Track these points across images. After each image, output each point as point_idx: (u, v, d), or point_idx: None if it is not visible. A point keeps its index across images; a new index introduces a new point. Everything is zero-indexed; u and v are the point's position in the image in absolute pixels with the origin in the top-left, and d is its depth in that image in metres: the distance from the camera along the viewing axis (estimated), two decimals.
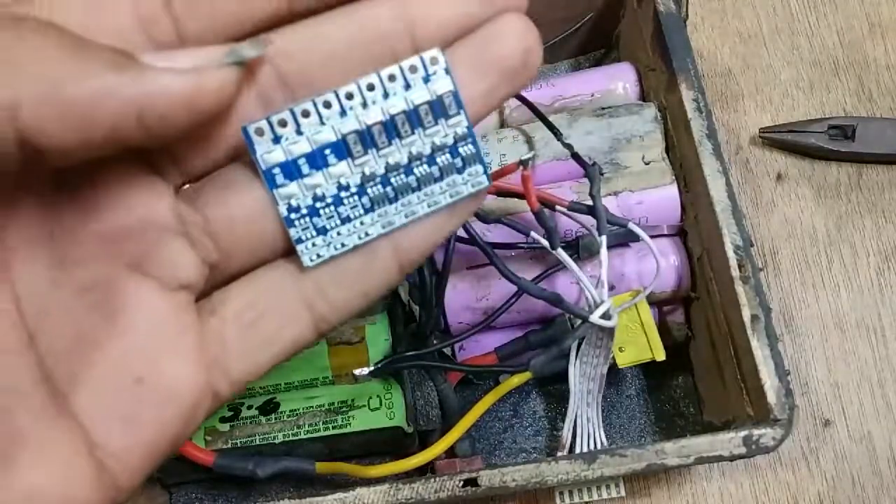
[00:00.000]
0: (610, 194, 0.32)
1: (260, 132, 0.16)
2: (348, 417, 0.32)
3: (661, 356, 0.31)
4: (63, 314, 0.15)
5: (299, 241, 0.17)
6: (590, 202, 0.30)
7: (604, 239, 0.30)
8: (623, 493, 0.32)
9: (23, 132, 0.13)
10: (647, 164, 0.33)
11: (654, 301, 0.33)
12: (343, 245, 0.17)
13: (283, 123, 0.16)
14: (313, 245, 0.17)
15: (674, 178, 0.32)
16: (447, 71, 0.16)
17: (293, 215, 0.16)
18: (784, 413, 0.28)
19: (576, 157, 0.31)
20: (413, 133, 0.16)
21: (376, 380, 0.32)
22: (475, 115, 0.17)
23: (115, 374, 0.16)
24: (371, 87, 0.16)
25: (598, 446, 0.31)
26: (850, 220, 0.37)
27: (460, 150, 0.17)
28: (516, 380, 0.31)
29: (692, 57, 0.32)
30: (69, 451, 0.15)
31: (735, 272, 0.29)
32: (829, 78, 0.39)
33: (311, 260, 0.17)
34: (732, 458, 0.28)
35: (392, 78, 0.16)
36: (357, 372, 0.30)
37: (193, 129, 0.15)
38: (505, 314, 0.32)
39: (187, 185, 0.17)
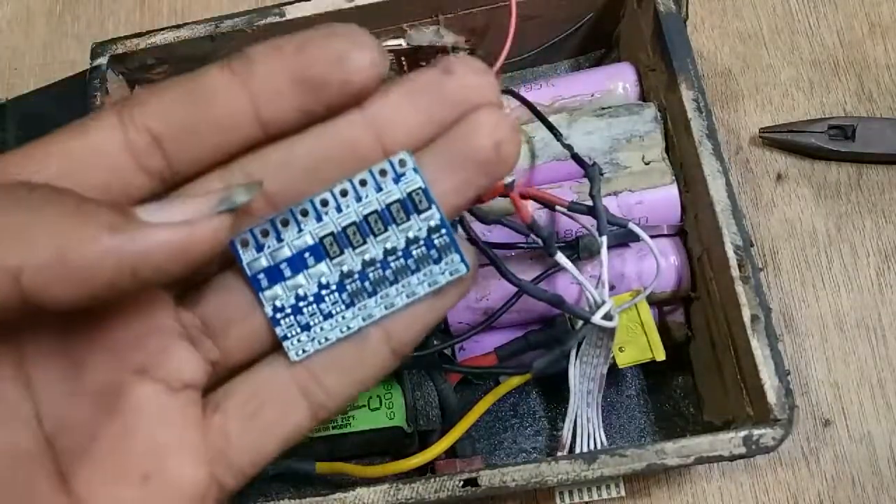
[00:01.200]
0: (610, 194, 0.32)
1: (245, 243, 0.18)
2: (348, 417, 0.32)
3: (661, 356, 0.31)
4: (77, 418, 0.17)
5: (285, 337, 0.18)
6: (590, 202, 0.30)
7: (604, 239, 0.30)
8: (623, 493, 0.32)
9: (25, 293, 0.14)
10: (647, 164, 0.33)
11: (654, 301, 0.33)
12: (326, 339, 0.18)
13: (265, 233, 0.18)
14: (298, 341, 0.18)
15: (674, 178, 0.32)
16: (416, 170, 0.17)
17: (278, 315, 0.18)
18: (784, 413, 0.28)
19: (576, 157, 0.31)
20: (387, 230, 0.18)
21: None
22: (452, 207, 0.18)
23: (124, 472, 0.17)
24: (344, 193, 0.17)
25: (598, 446, 0.31)
26: (850, 220, 0.37)
27: (434, 241, 0.18)
28: (516, 380, 0.31)
29: (692, 57, 0.32)
30: None
31: (735, 272, 0.29)
32: (829, 78, 0.39)
33: (298, 355, 0.18)
34: (732, 458, 0.28)
35: (363, 183, 0.17)
36: None
37: (189, 273, 0.16)
38: (505, 314, 0.32)
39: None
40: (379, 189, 0.17)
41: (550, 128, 0.32)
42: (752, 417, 0.29)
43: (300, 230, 0.18)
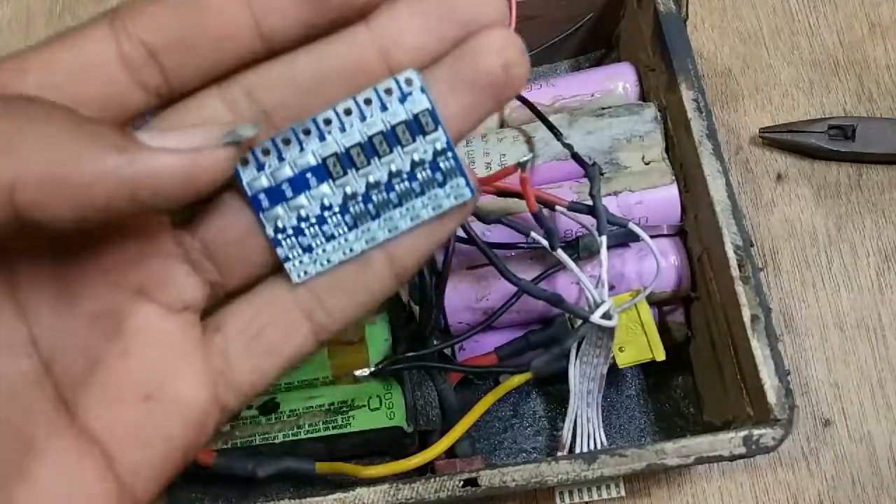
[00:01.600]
0: (610, 194, 0.32)
1: (245, 162, 0.17)
2: (348, 417, 0.32)
3: (661, 356, 0.31)
4: (75, 342, 0.16)
5: (287, 259, 0.18)
6: (590, 202, 0.30)
7: (604, 239, 0.30)
8: (623, 493, 0.32)
9: (19, 208, 0.14)
10: (647, 164, 0.33)
11: (654, 301, 0.33)
12: (329, 261, 0.18)
13: (266, 152, 0.17)
14: (300, 262, 0.18)
15: (674, 178, 0.32)
16: (423, 90, 0.17)
17: (280, 235, 0.18)
18: (784, 413, 0.28)
19: (576, 157, 0.31)
20: (392, 151, 0.17)
21: (376, 380, 0.32)
22: (458, 131, 0.17)
23: (125, 393, 0.17)
24: (348, 112, 0.17)
25: (598, 446, 0.31)
26: (850, 220, 0.37)
27: (440, 164, 0.17)
28: (516, 380, 0.31)
29: (692, 57, 0.32)
30: (86, 466, 0.16)
31: (735, 272, 0.29)
32: (829, 78, 0.39)
33: (299, 276, 0.18)
34: (732, 458, 0.28)
35: (368, 102, 0.17)
36: (358, 373, 0.30)
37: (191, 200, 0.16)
38: (505, 314, 0.32)
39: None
40: (384, 109, 0.17)
41: (551, 128, 0.32)
42: (752, 417, 0.29)
43: (302, 149, 0.17)
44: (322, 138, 0.17)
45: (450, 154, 0.17)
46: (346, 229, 0.18)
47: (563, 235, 0.32)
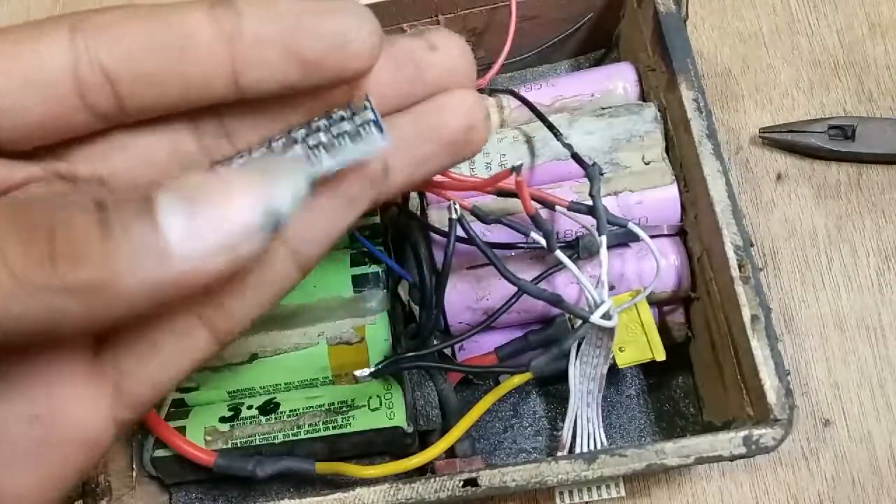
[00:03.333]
0: (610, 194, 0.32)
1: None
2: (348, 417, 0.32)
3: (661, 356, 0.31)
4: None
5: None
6: (590, 202, 0.30)
7: (604, 239, 0.30)
8: (623, 493, 0.32)
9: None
10: (647, 164, 0.33)
11: (654, 301, 0.33)
12: None
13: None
14: None
15: (674, 178, 0.32)
16: (372, 110, 0.16)
17: None
18: (784, 413, 0.28)
19: (576, 157, 0.31)
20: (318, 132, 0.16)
21: (376, 380, 0.32)
22: (409, 179, 0.17)
23: (11, 414, 0.15)
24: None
25: (598, 446, 0.31)
26: (850, 220, 0.37)
27: (357, 121, 0.16)
28: (516, 380, 0.31)
29: (692, 57, 0.32)
30: None
31: (735, 272, 0.29)
32: (829, 78, 0.39)
33: None
34: (732, 458, 0.28)
35: (321, 126, 0.16)
36: (358, 373, 0.30)
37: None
38: (505, 314, 0.32)
39: None
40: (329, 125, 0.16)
41: (551, 128, 0.32)
42: (752, 417, 0.29)
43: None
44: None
45: (370, 111, 0.16)
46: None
47: (563, 235, 0.32)
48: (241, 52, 0.15)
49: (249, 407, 0.33)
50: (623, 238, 0.32)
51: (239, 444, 0.32)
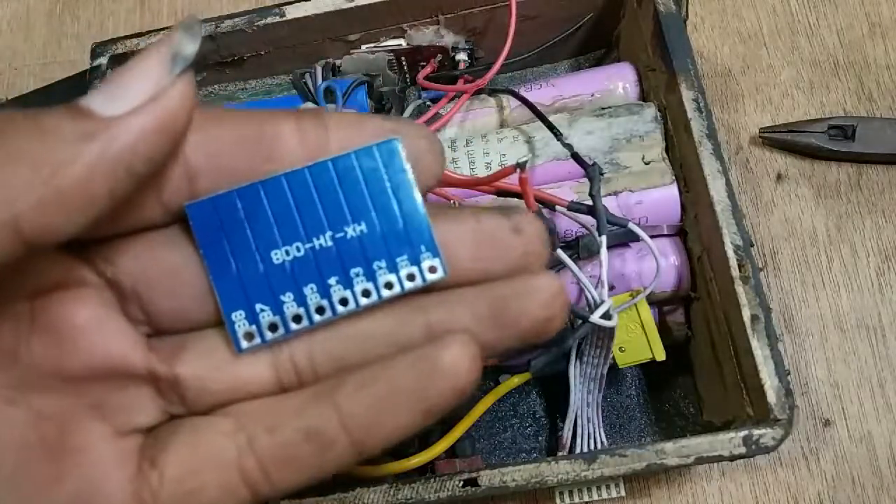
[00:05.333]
0: (610, 194, 0.32)
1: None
2: None
3: (661, 356, 0.31)
4: (11, 434, 0.15)
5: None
6: (590, 202, 0.30)
7: (604, 239, 0.30)
8: (623, 493, 0.32)
9: (29, 238, 0.13)
10: (647, 164, 0.33)
11: (654, 301, 0.33)
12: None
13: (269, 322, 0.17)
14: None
15: (674, 178, 0.32)
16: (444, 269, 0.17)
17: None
18: (784, 413, 0.28)
19: (576, 157, 0.31)
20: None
21: None
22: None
23: None
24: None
25: (598, 446, 0.31)
26: (850, 220, 0.37)
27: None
28: (516, 380, 0.31)
29: (692, 57, 0.32)
30: None
31: (735, 272, 0.29)
32: (829, 78, 0.39)
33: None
34: (732, 458, 0.27)
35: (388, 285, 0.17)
36: None
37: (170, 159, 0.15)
38: None
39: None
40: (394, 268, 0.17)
41: (551, 128, 0.32)
42: (752, 417, 0.29)
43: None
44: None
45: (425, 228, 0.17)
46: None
47: (563, 235, 0.32)
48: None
49: None
50: (623, 238, 0.32)
51: None
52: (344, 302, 0.17)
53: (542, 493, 0.34)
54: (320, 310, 0.17)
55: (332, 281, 0.17)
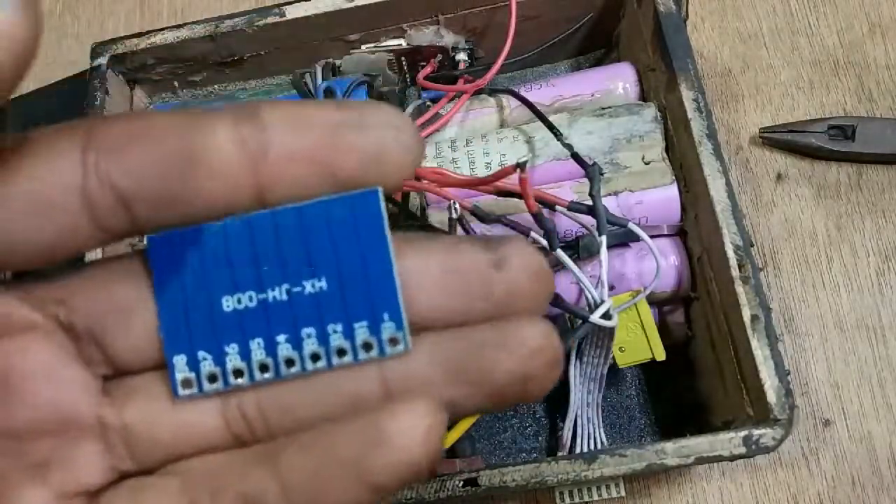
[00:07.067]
0: (610, 194, 0.32)
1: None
2: None
3: (661, 356, 0.31)
4: None
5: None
6: (590, 202, 0.30)
7: (604, 239, 0.30)
8: (623, 493, 0.32)
9: None
10: (647, 164, 0.33)
11: (654, 301, 0.33)
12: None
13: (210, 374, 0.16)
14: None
15: (674, 178, 0.32)
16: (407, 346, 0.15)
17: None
18: (784, 413, 0.28)
19: (576, 157, 0.31)
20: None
21: None
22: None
23: None
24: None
25: (598, 446, 0.31)
26: (850, 220, 0.37)
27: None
28: None
29: (692, 57, 0.32)
30: None
31: (735, 272, 0.29)
32: (829, 78, 0.39)
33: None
34: (732, 458, 0.27)
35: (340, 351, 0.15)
36: None
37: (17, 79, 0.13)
38: None
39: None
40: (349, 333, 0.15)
41: (551, 128, 0.32)
42: (752, 417, 0.29)
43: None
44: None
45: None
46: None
47: (563, 235, 0.32)
48: (268, 172, 0.14)
49: None
50: (623, 238, 0.32)
51: None
52: (290, 363, 0.15)
53: (542, 493, 0.34)
54: (263, 367, 0.15)
55: (281, 338, 0.15)
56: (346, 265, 0.15)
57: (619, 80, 0.35)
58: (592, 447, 0.31)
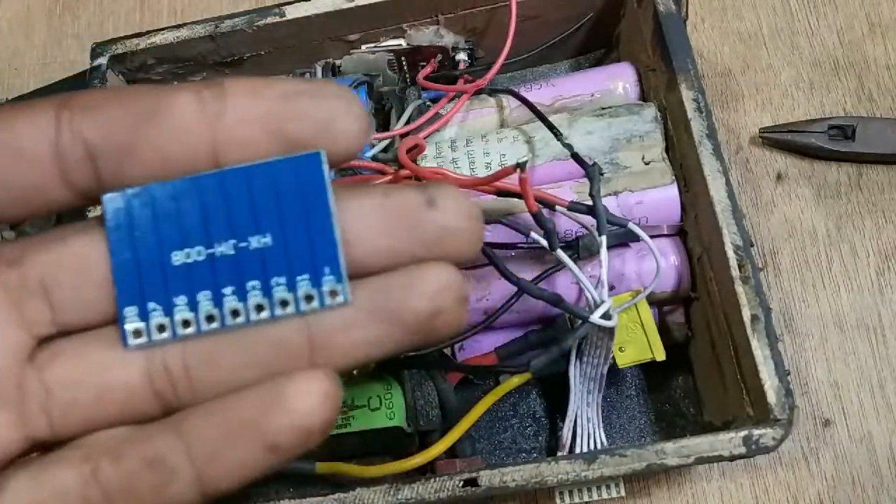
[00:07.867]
0: (610, 194, 0.32)
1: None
2: (348, 417, 0.32)
3: (661, 356, 0.31)
4: None
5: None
6: (590, 202, 0.30)
7: (604, 239, 0.30)
8: (623, 493, 0.32)
9: None
10: (647, 164, 0.33)
11: (654, 301, 0.33)
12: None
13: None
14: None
15: (674, 178, 0.32)
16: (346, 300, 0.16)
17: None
18: (784, 413, 0.28)
19: (576, 157, 0.31)
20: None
21: (376, 380, 0.32)
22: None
23: None
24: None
25: (598, 446, 0.31)
26: (850, 220, 0.37)
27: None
28: (516, 380, 0.31)
29: (692, 57, 0.32)
30: None
31: (735, 272, 0.29)
32: (829, 78, 0.39)
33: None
34: (732, 458, 0.28)
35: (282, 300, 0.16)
36: (357, 373, 0.30)
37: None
38: (505, 314, 0.32)
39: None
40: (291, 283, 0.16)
41: (551, 128, 0.32)
42: (752, 417, 0.29)
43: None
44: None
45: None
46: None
47: (563, 235, 0.32)
48: (224, 131, 0.15)
49: None
50: (623, 238, 0.32)
51: None
52: (235, 314, 0.16)
53: (542, 493, 0.34)
54: (210, 318, 0.16)
55: (228, 291, 0.16)
56: (290, 222, 0.16)
57: (619, 80, 0.35)
58: (592, 447, 0.31)
